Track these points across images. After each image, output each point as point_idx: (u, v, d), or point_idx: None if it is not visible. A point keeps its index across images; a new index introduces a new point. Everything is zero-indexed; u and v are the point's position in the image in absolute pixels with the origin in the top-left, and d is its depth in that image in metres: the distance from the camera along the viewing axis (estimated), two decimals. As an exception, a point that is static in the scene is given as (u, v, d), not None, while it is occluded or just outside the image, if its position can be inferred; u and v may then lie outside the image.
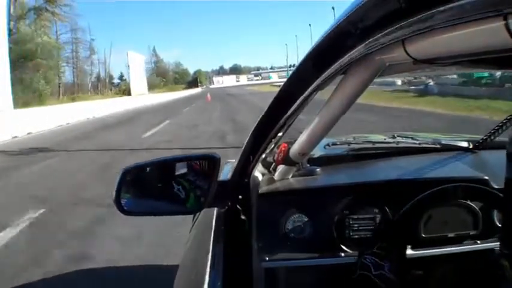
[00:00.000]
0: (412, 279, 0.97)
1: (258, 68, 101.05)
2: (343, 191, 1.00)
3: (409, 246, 0.94)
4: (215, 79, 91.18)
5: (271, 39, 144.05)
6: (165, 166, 0.98)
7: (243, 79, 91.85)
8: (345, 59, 0.50)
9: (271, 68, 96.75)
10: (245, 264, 0.96)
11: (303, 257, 0.95)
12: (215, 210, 1.06)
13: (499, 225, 0.96)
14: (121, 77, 61.78)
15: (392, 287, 0.89)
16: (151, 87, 58.09)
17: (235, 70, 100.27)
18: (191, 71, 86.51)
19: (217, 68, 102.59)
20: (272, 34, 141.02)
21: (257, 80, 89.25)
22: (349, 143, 1.30)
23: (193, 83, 79.34)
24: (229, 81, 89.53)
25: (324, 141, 1.16)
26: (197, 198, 0.93)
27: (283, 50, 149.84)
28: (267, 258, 0.93)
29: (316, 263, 0.95)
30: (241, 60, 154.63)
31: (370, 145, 1.28)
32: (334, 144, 1.29)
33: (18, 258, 2.83)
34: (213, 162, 0.92)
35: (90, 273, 2.53)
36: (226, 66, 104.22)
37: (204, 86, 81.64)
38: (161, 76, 69.03)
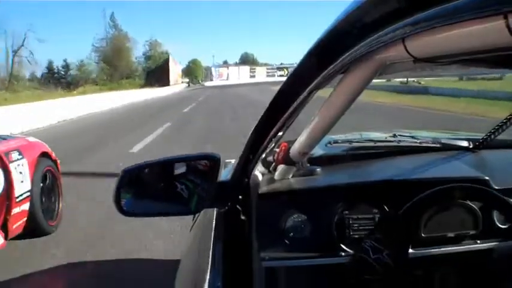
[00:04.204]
0: (411, 279, 0.97)
1: (266, 64, 66.92)
2: (343, 191, 1.00)
3: (409, 246, 0.95)
4: (215, 71, 57.64)
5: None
6: (166, 166, 0.98)
7: (261, 73, 58.99)
8: (345, 57, 0.50)
9: (281, 64, 63.68)
10: (245, 263, 0.96)
11: (303, 257, 0.95)
12: (215, 211, 1.06)
13: (499, 226, 0.96)
14: (66, 66, 39.18)
15: (389, 271, 0.89)
16: (75, 84, 31.38)
17: (245, 63, 66.16)
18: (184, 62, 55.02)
19: (220, 62, 67.01)
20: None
21: (281, 75, 53.61)
22: (350, 141, 1.31)
23: (160, 73, 41.58)
24: (238, 75, 56.24)
25: (325, 139, 1.16)
26: (198, 198, 0.92)
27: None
28: (267, 258, 0.93)
29: (316, 262, 0.96)
30: (254, 51, 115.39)
31: (371, 144, 1.28)
32: (335, 142, 1.29)
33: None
34: (213, 162, 0.91)
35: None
36: (231, 61, 69.70)
37: (199, 83, 50.64)
38: (109, 63, 36.04)
